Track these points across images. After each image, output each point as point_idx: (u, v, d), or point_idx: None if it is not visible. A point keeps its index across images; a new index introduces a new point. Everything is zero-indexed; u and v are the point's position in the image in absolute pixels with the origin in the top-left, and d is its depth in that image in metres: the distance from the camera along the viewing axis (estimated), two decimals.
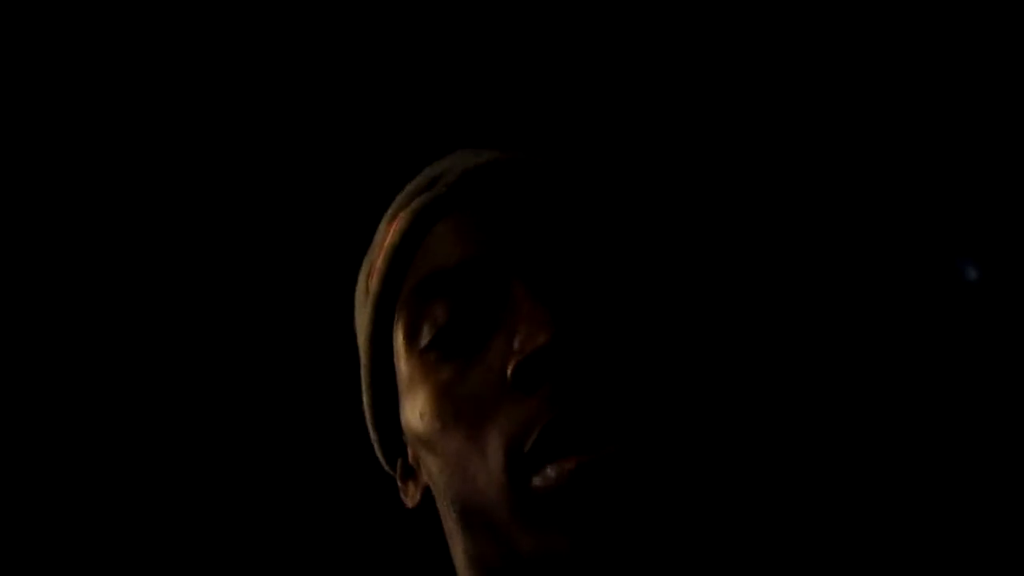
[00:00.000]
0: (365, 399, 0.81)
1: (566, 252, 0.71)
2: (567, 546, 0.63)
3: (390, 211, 0.81)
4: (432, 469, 0.72)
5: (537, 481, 0.64)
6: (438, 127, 0.82)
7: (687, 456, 0.67)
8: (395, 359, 0.75)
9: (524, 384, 0.65)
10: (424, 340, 0.72)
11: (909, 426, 1.62)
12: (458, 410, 0.68)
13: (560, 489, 0.63)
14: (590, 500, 0.62)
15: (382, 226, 0.81)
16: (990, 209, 1.75)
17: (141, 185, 1.57)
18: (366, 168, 1.50)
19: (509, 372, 0.65)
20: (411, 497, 0.79)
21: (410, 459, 0.78)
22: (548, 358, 0.65)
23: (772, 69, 1.62)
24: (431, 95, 1.51)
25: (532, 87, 1.55)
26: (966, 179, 1.75)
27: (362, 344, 0.80)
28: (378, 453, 0.82)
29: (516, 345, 0.66)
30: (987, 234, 1.76)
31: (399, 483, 0.81)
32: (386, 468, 0.83)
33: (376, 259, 0.79)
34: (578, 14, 1.55)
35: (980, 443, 1.62)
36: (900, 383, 1.65)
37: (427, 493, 0.77)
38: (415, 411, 0.72)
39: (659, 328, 0.71)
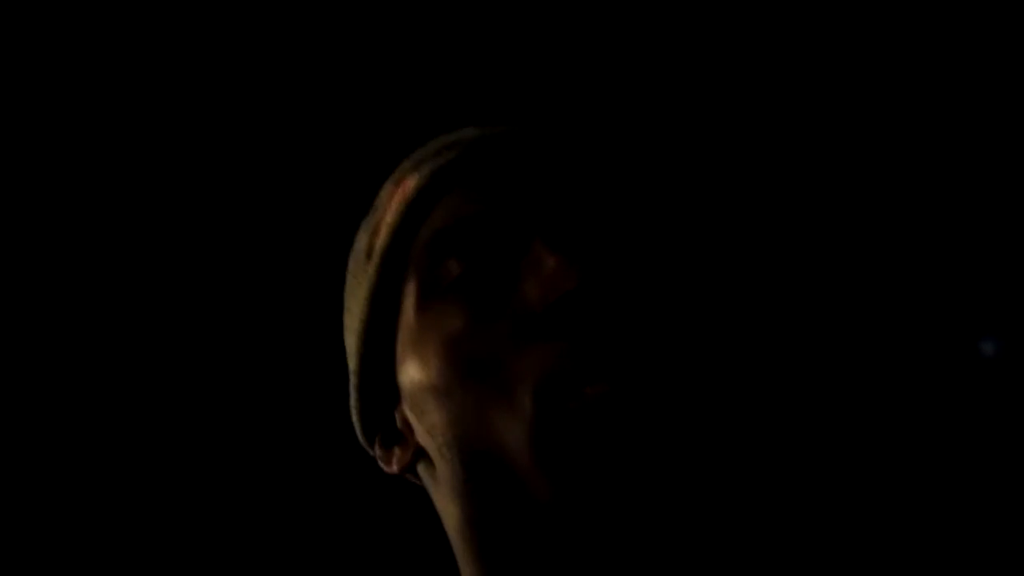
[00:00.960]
0: (353, 364, 0.79)
1: (581, 213, 0.71)
2: (592, 478, 0.64)
3: (395, 175, 0.80)
4: (437, 421, 0.70)
5: (573, 405, 0.64)
6: (435, 126, 0.84)
7: (707, 398, 0.68)
8: (402, 314, 0.74)
9: (557, 321, 0.66)
10: (439, 290, 0.72)
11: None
12: (479, 355, 0.68)
13: (592, 409, 0.63)
14: (619, 423, 0.63)
15: (386, 187, 0.80)
16: (1008, 284, 1.75)
17: (141, 185, 1.58)
18: (362, 169, 1.52)
19: (541, 307, 0.66)
20: (398, 461, 0.76)
21: (398, 423, 0.76)
22: (578, 300, 0.66)
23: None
24: (428, 96, 1.54)
25: (532, 77, 1.56)
26: (985, 253, 1.76)
27: (359, 303, 0.78)
28: (357, 425, 0.80)
29: (547, 286, 0.67)
30: (1004, 310, 1.75)
31: (379, 451, 0.78)
32: (361, 440, 0.81)
33: (383, 216, 0.77)
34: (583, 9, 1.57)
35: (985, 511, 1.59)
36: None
37: (415, 459, 0.75)
38: (427, 359, 0.71)
39: (675, 282, 0.72)
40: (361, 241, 0.80)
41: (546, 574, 0.67)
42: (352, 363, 0.79)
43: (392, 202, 0.77)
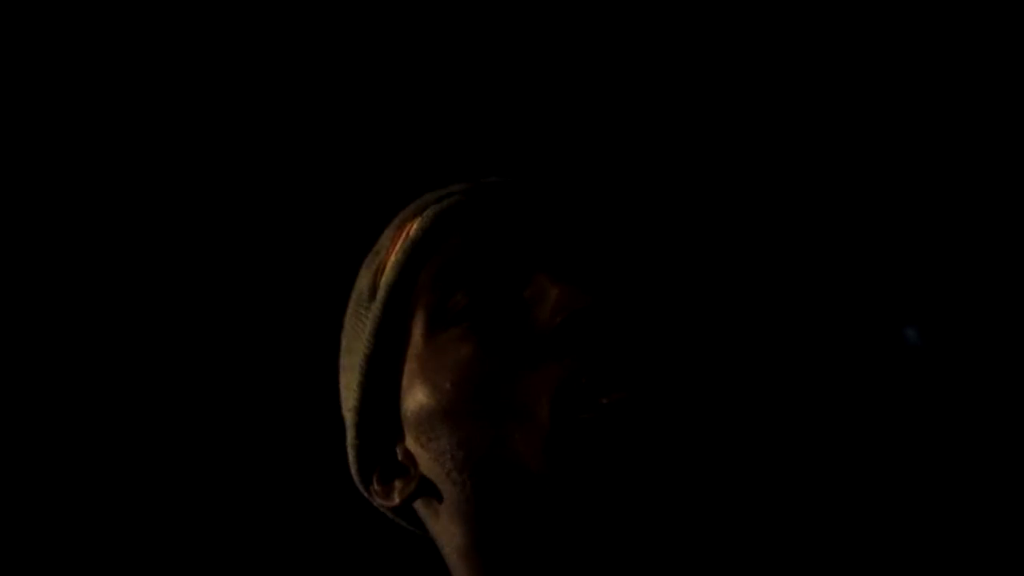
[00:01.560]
0: (352, 401, 0.80)
1: (578, 250, 0.75)
2: (609, 485, 0.66)
3: (396, 220, 0.83)
4: (446, 445, 0.72)
5: (587, 416, 0.66)
6: (427, 176, 0.86)
7: (718, 405, 0.71)
8: (409, 345, 0.76)
9: (566, 341, 0.69)
10: (446, 320, 0.74)
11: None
12: (489, 377, 0.70)
13: (607, 419, 0.66)
14: (636, 430, 0.66)
15: (387, 232, 0.83)
16: (933, 272, 1.81)
17: (140, 186, 1.58)
18: (361, 174, 1.52)
19: (553, 325, 0.69)
20: (400, 493, 0.77)
21: (400, 456, 0.77)
22: (588, 317, 0.69)
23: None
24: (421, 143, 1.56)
25: (513, 132, 1.59)
26: (910, 242, 1.81)
27: (362, 341, 0.80)
28: (353, 463, 0.81)
29: (555, 308, 0.70)
30: (929, 299, 1.81)
31: (377, 487, 0.79)
32: (356, 477, 0.82)
33: (387, 256, 0.80)
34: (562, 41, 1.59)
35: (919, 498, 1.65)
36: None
37: (417, 490, 0.76)
38: (439, 386, 0.73)
39: (674, 306, 0.77)
40: (363, 281, 0.83)
41: None
42: (351, 401, 0.81)
43: (396, 243, 0.80)
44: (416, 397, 0.75)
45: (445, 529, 0.75)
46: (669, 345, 0.72)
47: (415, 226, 0.79)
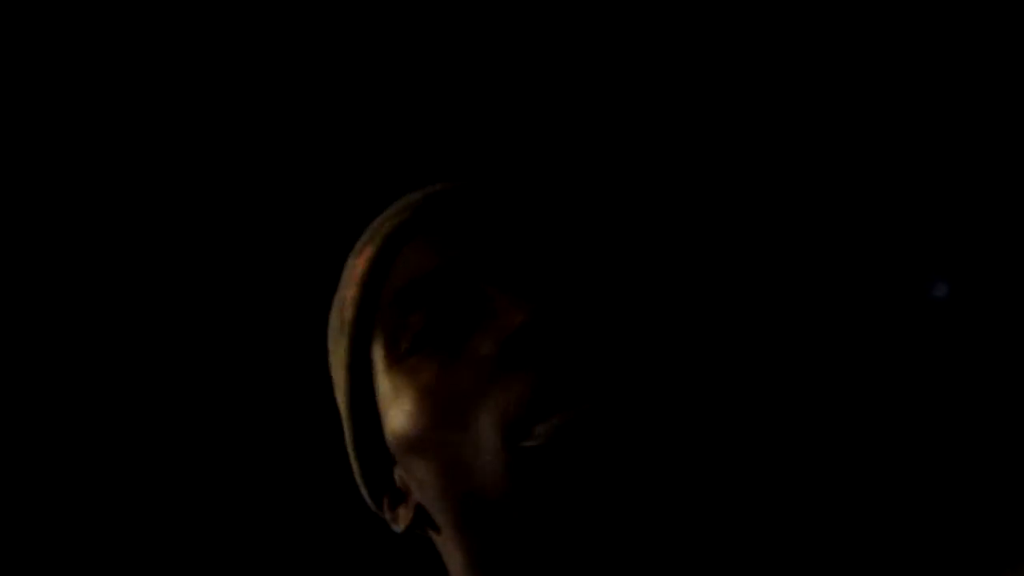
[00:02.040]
0: (348, 435, 0.81)
1: (530, 258, 0.74)
2: (565, 501, 0.66)
3: (357, 247, 0.83)
4: (424, 475, 0.73)
5: (528, 443, 0.66)
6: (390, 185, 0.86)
7: (663, 412, 0.70)
8: (375, 378, 0.77)
9: (510, 360, 0.68)
10: (404, 348, 0.74)
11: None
12: (446, 404, 0.70)
13: (548, 445, 0.65)
14: (576, 452, 0.65)
15: (349, 262, 0.83)
16: (961, 228, 1.77)
17: (140, 186, 1.58)
18: (359, 174, 1.53)
19: (495, 350, 0.68)
20: (403, 519, 0.79)
21: (398, 482, 0.79)
22: (530, 334, 0.68)
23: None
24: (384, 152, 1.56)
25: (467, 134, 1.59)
26: (936, 198, 1.77)
27: (340, 378, 0.81)
28: (363, 491, 0.83)
29: (499, 328, 0.69)
30: (957, 253, 1.78)
31: (388, 514, 0.81)
32: (372, 507, 0.83)
33: (348, 291, 0.80)
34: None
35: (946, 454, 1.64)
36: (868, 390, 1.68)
37: (418, 514, 0.78)
38: (402, 416, 0.73)
39: (623, 311, 0.74)
40: (333, 318, 0.83)
41: None
42: (347, 434, 0.81)
43: (353, 275, 0.80)
44: (389, 429, 0.75)
45: (447, 551, 0.76)
46: (619, 357, 0.70)
47: (367, 255, 0.79)
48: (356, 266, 0.80)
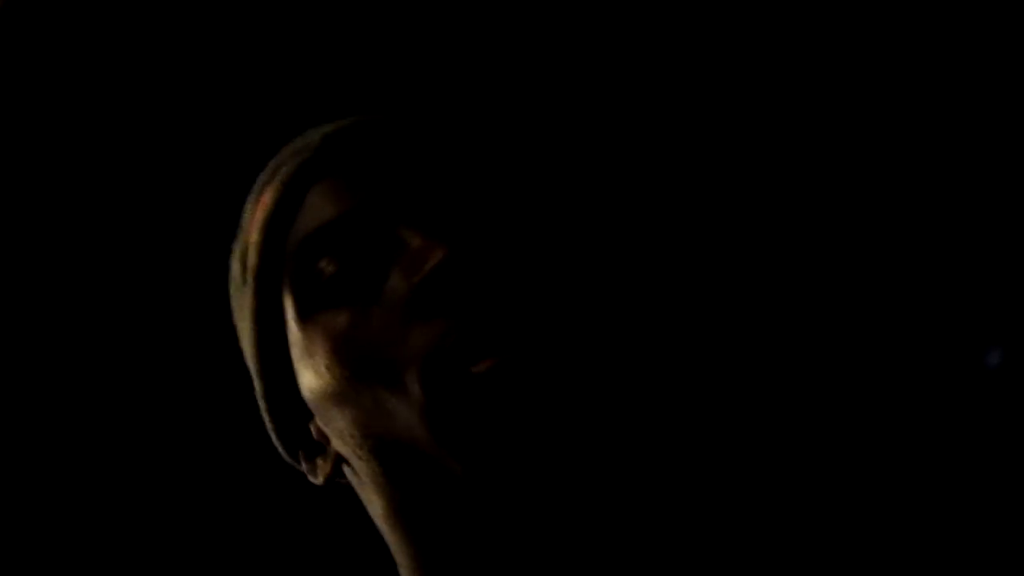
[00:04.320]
0: (258, 388, 0.80)
1: (441, 194, 0.72)
2: (497, 447, 0.65)
3: (253, 191, 0.80)
4: (344, 426, 0.72)
5: (457, 385, 0.64)
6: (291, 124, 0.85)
7: (582, 359, 0.68)
8: (287, 329, 0.74)
9: (427, 302, 0.66)
10: (315, 296, 0.71)
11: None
12: (363, 350, 0.68)
13: (469, 390, 0.64)
14: (511, 396, 0.64)
15: (248, 207, 0.80)
16: (1013, 293, 1.72)
17: (140, 186, 1.58)
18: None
19: (409, 293, 0.66)
20: (322, 470, 0.78)
21: (315, 434, 0.77)
22: (447, 273, 0.66)
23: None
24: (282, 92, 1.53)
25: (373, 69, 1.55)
26: (988, 262, 1.73)
27: (247, 329, 0.79)
28: (278, 445, 0.81)
29: (414, 268, 0.66)
30: (1009, 319, 1.72)
31: (305, 466, 0.80)
32: (288, 460, 0.82)
33: (249, 236, 0.77)
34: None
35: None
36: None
37: (337, 464, 0.76)
38: (318, 369, 0.71)
39: (538, 248, 0.72)
40: (235, 267, 0.80)
41: (472, 545, 0.69)
42: (257, 387, 0.80)
43: (254, 220, 0.77)
44: (304, 381, 0.74)
45: (368, 498, 0.76)
46: (539, 296, 0.68)
47: (269, 198, 0.75)
48: (257, 210, 0.77)
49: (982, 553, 1.51)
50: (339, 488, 0.81)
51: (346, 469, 0.77)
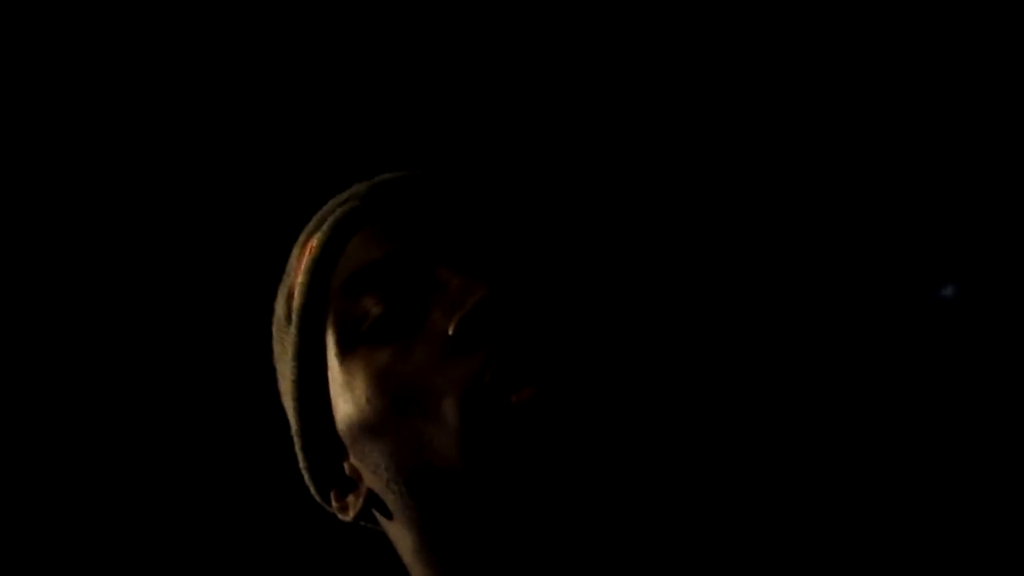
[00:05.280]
0: (294, 426, 0.81)
1: (478, 239, 0.75)
2: (534, 473, 0.65)
3: (300, 239, 0.83)
4: (379, 458, 0.73)
5: (496, 414, 0.66)
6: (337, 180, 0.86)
7: (619, 391, 0.70)
8: (328, 366, 0.77)
9: (468, 338, 0.68)
10: (357, 334, 0.74)
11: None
12: (403, 384, 0.70)
13: (508, 419, 0.65)
14: (549, 423, 0.65)
15: (295, 252, 0.83)
16: (967, 227, 1.76)
17: (139, 186, 1.59)
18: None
19: (452, 329, 0.68)
20: (352, 507, 0.79)
21: (347, 471, 0.79)
22: (487, 310, 0.68)
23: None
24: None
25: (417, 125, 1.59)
26: (942, 196, 1.76)
27: (287, 368, 0.80)
28: (309, 484, 0.82)
29: (455, 306, 0.69)
30: (964, 252, 1.77)
31: (336, 504, 0.81)
32: (318, 499, 0.83)
33: (295, 279, 0.80)
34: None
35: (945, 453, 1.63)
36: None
37: (368, 502, 0.77)
38: (358, 402, 0.73)
39: (573, 293, 0.75)
40: (279, 308, 0.83)
41: None
42: (293, 425, 0.81)
43: (301, 263, 0.80)
44: (342, 415, 0.75)
45: (398, 533, 0.76)
46: (575, 330, 0.70)
47: (315, 242, 0.79)
48: (303, 254, 0.80)
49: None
50: (365, 531, 0.82)
51: (374, 509, 0.78)
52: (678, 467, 0.75)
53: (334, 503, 0.81)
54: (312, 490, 0.83)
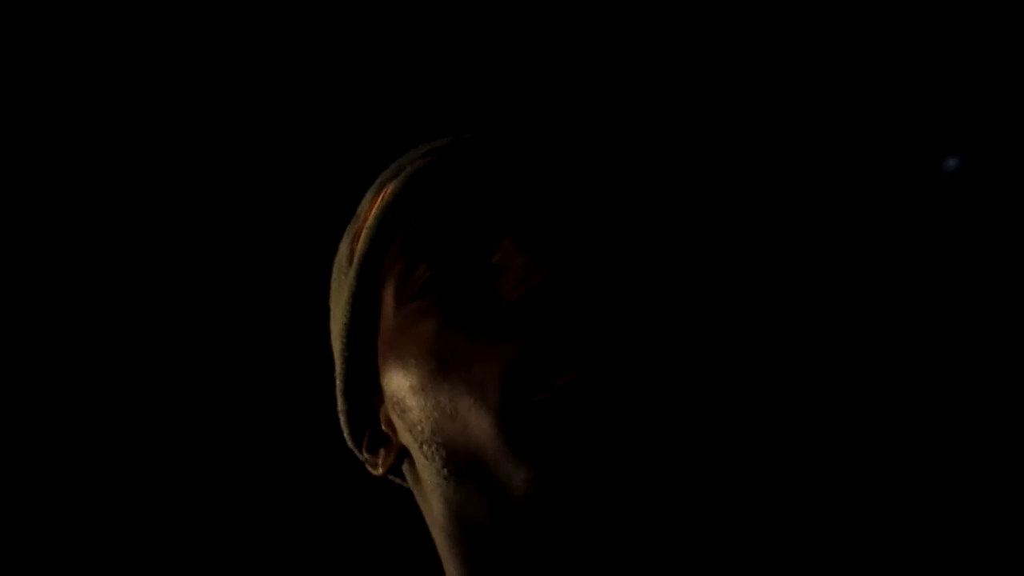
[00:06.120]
0: (338, 367, 0.81)
1: (549, 214, 0.74)
2: (563, 466, 0.65)
3: (376, 183, 0.82)
4: (416, 418, 0.72)
5: (538, 397, 0.66)
6: (416, 134, 0.85)
7: (668, 384, 0.69)
8: (381, 316, 0.77)
9: (522, 318, 0.68)
10: (414, 290, 0.74)
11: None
12: (452, 349, 0.70)
13: (550, 403, 0.65)
14: (588, 408, 0.65)
15: (368, 196, 0.82)
16: (969, 101, 1.73)
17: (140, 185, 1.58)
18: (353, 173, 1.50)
19: (510, 304, 0.68)
20: (383, 462, 0.79)
21: (383, 424, 0.78)
22: (547, 293, 0.68)
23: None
24: (411, 105, 1.53)
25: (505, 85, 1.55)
26: (946, 72, 1.73)
27: (340, 310, 0.80)
28: (345, 428, 0.82)
29: (516, 281, 0.69)
30: (966, 126, 1.74)
31: (366, 455, 0.81)
32: (350, 444, 0.83)
33: (363, 222, 0.79)
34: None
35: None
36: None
37: (399, 459, 0.77)
38: (404, 359, 0.73)
39: (637, 283, 0.73)
40: (343, 248, 0.83)
41: (529, 565, 0.70)
42: (338, 367, 0.82)
43: (372, 209, 0.79)
44: (389, 371, 0.75)
45: (426, 500, 0.76)
46: (628, 325, 0.69)
47: (390, 191, 0.78)
48: (377, 199, 0.79)
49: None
50: (393, 487, 0.83)
51: (406, 467, 0.78)
52: (713, 464, 0.75)
53: (365, 453, 0.81)
54: (346, 433, 0.83)
